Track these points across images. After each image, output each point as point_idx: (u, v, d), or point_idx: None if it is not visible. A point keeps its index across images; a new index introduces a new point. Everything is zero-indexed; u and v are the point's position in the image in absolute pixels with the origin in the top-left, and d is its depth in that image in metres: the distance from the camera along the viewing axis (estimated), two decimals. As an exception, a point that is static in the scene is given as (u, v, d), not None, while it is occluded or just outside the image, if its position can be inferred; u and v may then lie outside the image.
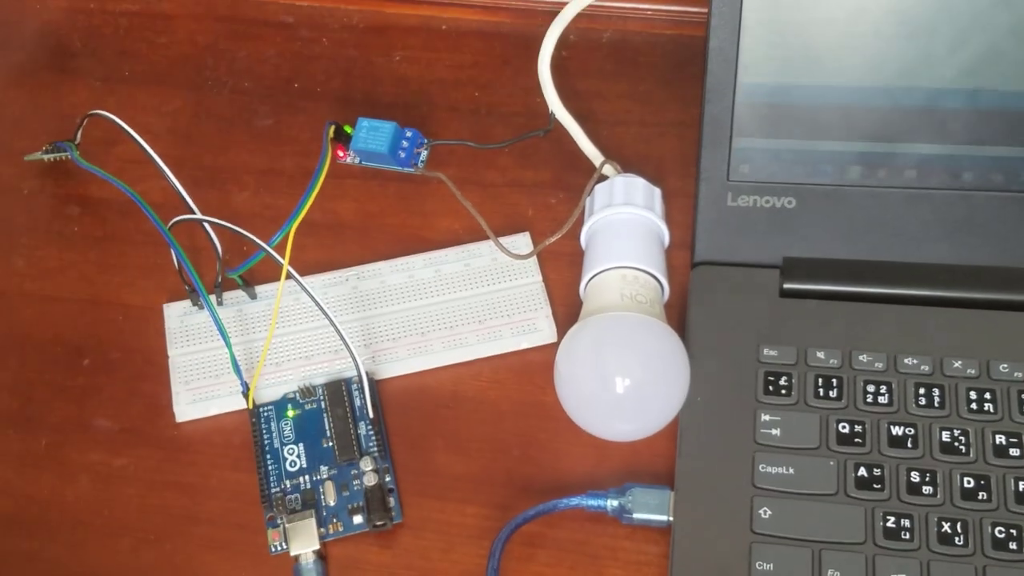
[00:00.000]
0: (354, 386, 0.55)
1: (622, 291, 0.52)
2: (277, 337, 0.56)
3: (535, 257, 0.58)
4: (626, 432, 0.51)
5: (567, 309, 0.57)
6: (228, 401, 0.55)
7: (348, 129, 0.62)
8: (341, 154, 0.63)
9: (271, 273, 0.58)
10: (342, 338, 0.51)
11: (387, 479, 0.52)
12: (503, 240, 0.58)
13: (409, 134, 0.62)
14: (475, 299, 0.57)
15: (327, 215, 0.61)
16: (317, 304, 0.51)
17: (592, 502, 0.50)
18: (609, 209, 0.55)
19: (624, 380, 0.49)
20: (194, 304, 0.58)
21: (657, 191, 0.57)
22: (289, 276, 0.51)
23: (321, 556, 0.50)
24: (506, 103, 0.65)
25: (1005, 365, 0.51)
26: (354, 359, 0.52)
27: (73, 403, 0.57)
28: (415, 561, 0.51)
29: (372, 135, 0.62)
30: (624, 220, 0.55)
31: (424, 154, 0.63)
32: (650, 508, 0.49)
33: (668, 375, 0.50)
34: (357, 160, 0.63)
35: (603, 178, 0.58)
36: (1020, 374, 0.51)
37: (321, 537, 0.51)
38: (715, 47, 0.54)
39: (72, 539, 0.53)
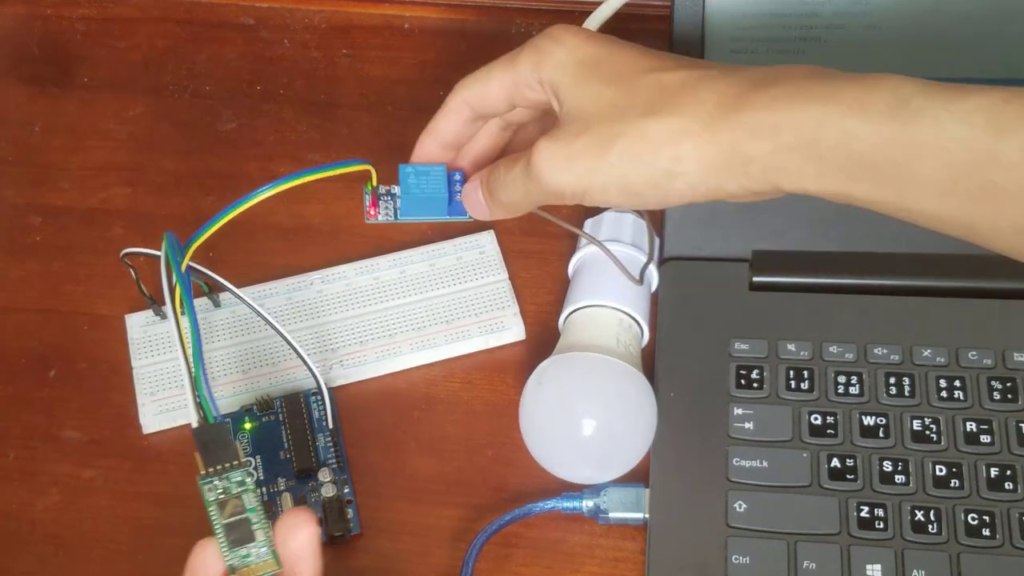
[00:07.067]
0: (312, 397, 0.54)
1: (618, 337, 0.51)
2: (242, 345, 0.56)
3: (500, 255, 0.58)
4: (586, 476, 0.51)
5: (536, 308, 0.57)
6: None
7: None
8: (372, 211, 0.52)
9: (242, 278, 0.57)
10: (294, 347, 0.51)
11: (346, 490, 0.52)
12: (465, 239, 0.58)
13: (458, 176, 0.51)
14: (442, 299, 0.57)
15: (293, 218, 0.61)
16: (262, 316, 0.51)
17: (567, 504, 0.50)
18: (614, 244, 0.54)
19: (603, 433, 0.49)
20: (156, 314, 0.57)
21: (657, 239, 0.56)
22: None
23: None
24: (471, 101, 0.65)
25: (973, 352, 0.52)
26: (310, 368, 0.51)
27: (40, 414, 0.56)
28: (392, 564, 0.51)
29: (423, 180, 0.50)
30: (630, 262, 0.54)
31: None
32: (626, 507, 0.49)
33: (643, 437, 0.50)
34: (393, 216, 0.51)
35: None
36: (988, 361, 0.51)
37: None
38: (679, 39, 0.54)
39: (43, 552, 0.52)
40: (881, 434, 0.50)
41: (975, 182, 0.36)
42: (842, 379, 0.51)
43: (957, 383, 0.51)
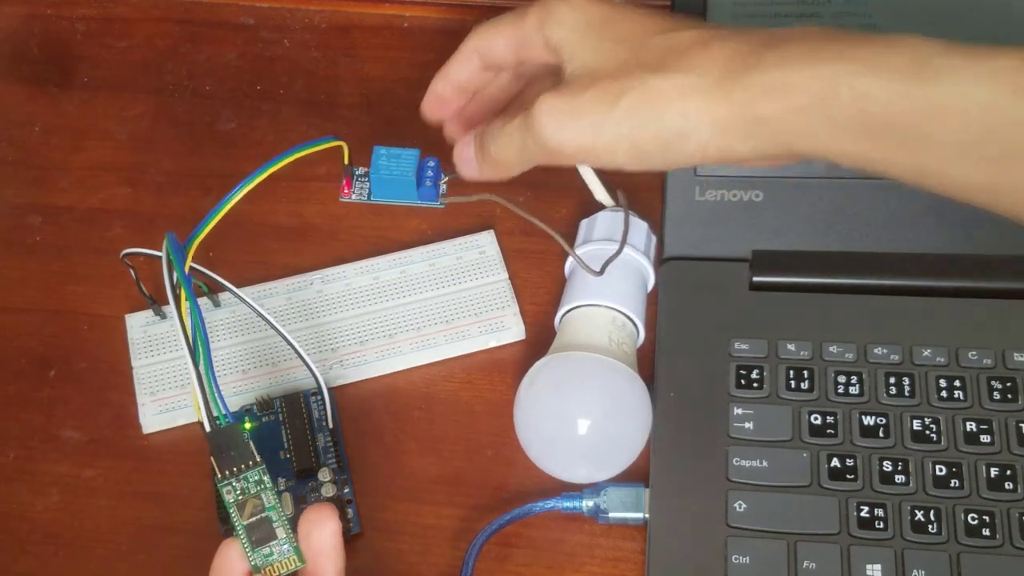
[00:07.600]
0: (312, 397, 0.54)
1: (611, 335, 0.51)
2: (242, 345, 0.56)
3: (500, 255, 0.58)
4: (581, 475, 0.51)
5: (536, 308, 0.57)
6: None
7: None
8: (346, 190, 0.54)
9: (241, 278, 0.57)
10: (294, 347, 0.51)
11: (346, 490, 0.52)
12: (465, 239, 0.58)
13: (432, 163, 0.54)
14: (442, 299, 0.57)
15: (293, 218, 0.61)
16: (262, 315, 0.51)
17: (567, 504, 0.50)
18: (611, 244, 0.54)
19: (596, 432, 0.49)
20: (156, 314, 0.57)
21: (653, 238, 0.56)
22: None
23: None
24: (471, 101, 0.65)
25: (973, 352, 0.52)
26: (310, 368, 0.51)
27: (40, 414, 0.56)
28: (392, 564, 0.51)
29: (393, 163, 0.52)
30: (625, 261, 0.53)
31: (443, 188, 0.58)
32: (625, 506, 0.49)
33: (636, 434, 0.50)
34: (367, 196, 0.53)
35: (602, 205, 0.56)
36: (988, 361, 0.51)
37: None
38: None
39: (43, 552, 0.52)
40: (881, 434, 0.50)
41: (997, 145, 0.35)
42: (842, 379, 0.51)
43: (957, 383, 0.51)
